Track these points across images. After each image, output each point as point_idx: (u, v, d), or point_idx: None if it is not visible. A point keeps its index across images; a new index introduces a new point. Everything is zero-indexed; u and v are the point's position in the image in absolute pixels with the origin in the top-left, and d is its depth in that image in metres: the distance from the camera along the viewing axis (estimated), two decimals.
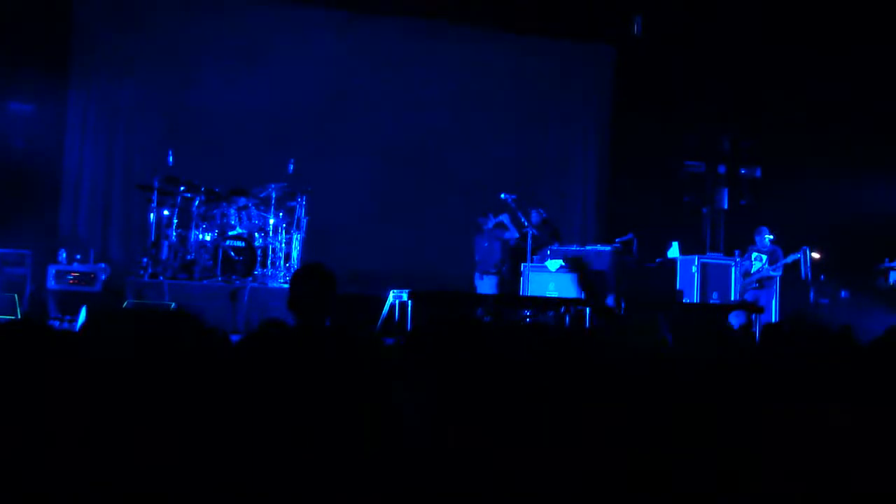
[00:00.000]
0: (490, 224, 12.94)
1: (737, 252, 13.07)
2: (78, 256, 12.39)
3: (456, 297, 11.21)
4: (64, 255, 12.33)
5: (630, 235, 12.95)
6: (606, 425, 2.82)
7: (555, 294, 11.66)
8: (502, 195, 12.54)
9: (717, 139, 14.93)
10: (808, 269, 12.82)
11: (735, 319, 11.16)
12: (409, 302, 10.41)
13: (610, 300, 11.65)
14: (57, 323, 11.26)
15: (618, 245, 12.79)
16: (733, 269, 12.65)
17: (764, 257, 12.80)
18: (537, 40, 15.02)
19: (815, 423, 2.86)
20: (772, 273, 12.71)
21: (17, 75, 12.95)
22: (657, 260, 13.30)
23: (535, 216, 13.08)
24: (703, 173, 14.95)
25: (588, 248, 12.79)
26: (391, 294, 10.81)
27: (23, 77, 12.95)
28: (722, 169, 14.91)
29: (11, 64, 12.91)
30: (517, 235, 12.79)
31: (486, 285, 12.83)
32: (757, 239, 12.95)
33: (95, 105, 13.79)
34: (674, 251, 13.15)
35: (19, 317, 10.63)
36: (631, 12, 14.04)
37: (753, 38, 13.93)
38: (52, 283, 11.93)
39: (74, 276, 11.94)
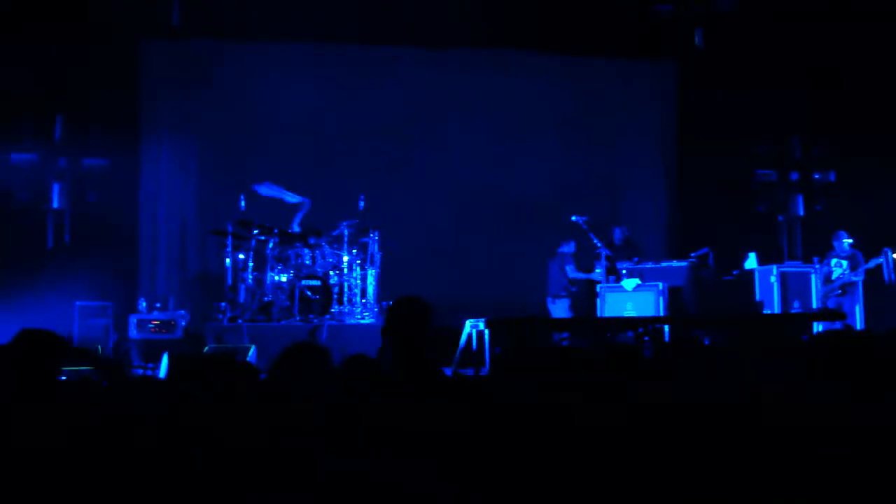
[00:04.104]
0: (571, 249, 12.83)
1: (816, 259, 12.81)
2: (158, 305, 12.61)
3: (533, 323, 11.12)
4: (144, 304, 12.56)
5: (706, 249, 12.81)
6: None
7: (633, 314, 11.53)
8: (573, 217, 12.49)
9: (787, 146, 14.72)
10: (892, 272, 12.51)
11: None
12: (487, 331, 10.38)
13: None
14: (140, 371, 11.41)
15: (694, 259, 12.68)
16: (813, 277, 12.43)
17: (844, 262, 12.50)
18: (597, 61, 14.96)
19: None
20: (853, 278, 12.40)
21: (89, 132, 13.27)
22: (734, 272, 13.14)
23: (618, 234, 13.06)
24: (775, 181, 14.72)
25: (664, 264, 12.67)
26: (468, 324, 10.80)
27: (95, 134, 13.26)
28: (794, 175, 14.68)
29: (84, 121, 13.24)
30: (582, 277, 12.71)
31: (558, 309, 12.76)
32: (836, 244, 12.64)
33: (166, 156, 14.10)
34: (751, 262, 12.96)
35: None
36: (690, 26, 13.91)
37: (815, 41, 13.72)
38: (133, 333, 12.13)
39: (155, 325, 12.13)
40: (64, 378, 5.80)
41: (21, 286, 12.21)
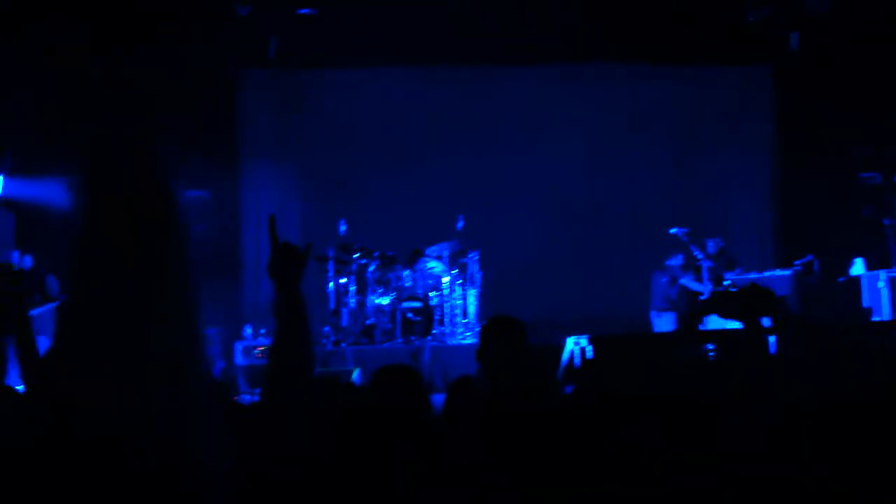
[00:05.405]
0: (679, 261, 12.66)
1: None
2: (262, 331, 12.80)
3: (637, 339, 11.00)
4: (249, 330, 12.77)
5: (810, 257, 12.56)
6: None
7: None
8: (672, 230, 12.36)
9: (891, 147, 14.35)
10: None
11: None
12: (589, 347, 10.31)
13: None
14: (248, 397, 11.59)
15: (798, 267, 12.42)
16: None
17: None
18: (692, 69, 14.78)
19: None
20: None
21: (190, 163, 13.56)
22: (840, 279, 12.84)
23: (710, 245, 12.84)
24: (880, 184, 14.35)
25: (767, 273, 12.45)
26: (569, 341, 10.74)
27: (195, 164, 13.55)
28: None
29: (184, 152, 13.52)
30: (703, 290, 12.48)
31: (663, 323, 12.62)
32: None
33: (266, 183, 14.40)
34: (858, 268, 12.66)
35: None
36: (784, 29, 13.70)
37: None
38: (240, 359, 12.33)
39: (261, 350, 12.29)
40: None
41: None
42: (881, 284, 12.00)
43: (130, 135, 2.09)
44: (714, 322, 11.68)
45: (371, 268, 12.17)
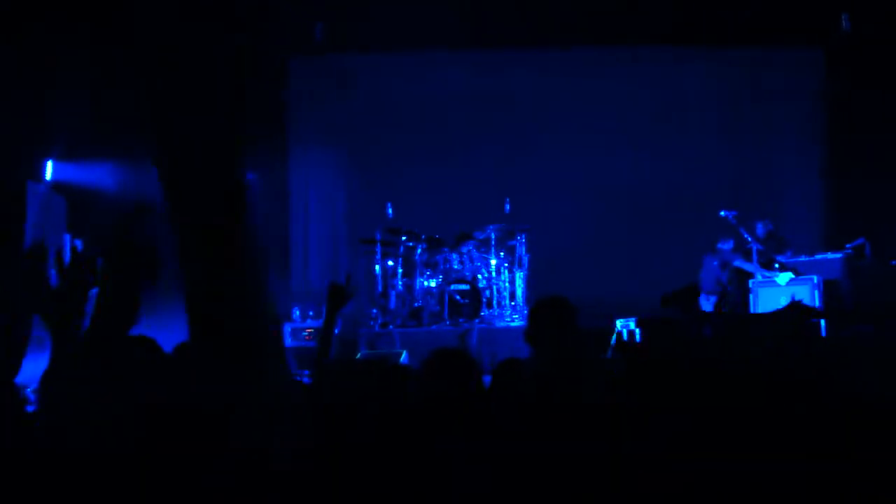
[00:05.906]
0: (730, 245, 12.58)
1: None
2: (311, 313, 12.88)
3: (685, 321, 10.95)
4: (297, 312, 12.85)
5: (861, 239, 12.39)
6: None
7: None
8: (722, 213, 12.25)
9: None
10: None
11: None
12: (637, 330, 10.30)
13: None
14: (297, 378, 11.65)
15: (849, 251, 12.28)
16: None
17: None
18: (741, 51, 14.61)
19: None
20: None
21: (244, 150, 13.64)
22: (893, 262, 12.67)
23: (760, 228, 12.72)
24: None
25: (818, 256, 12.32)
26: (618, 323, 10.73)
27: (246, 150, 13.62)
28: None
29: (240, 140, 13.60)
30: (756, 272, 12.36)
31: (712, 305, 12.54)
32: None
33: (314, 167, 14.52)
34: None
35: None
36: (836, 10, 13.52)
37: None
38: (288, 341, 12.39)
39: (309, 332, 12.38)
40: None
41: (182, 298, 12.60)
42: None
43: (210, 133, 2.18)
44: (763, 303, 11.62)
45: (418, 251, 12.22)
